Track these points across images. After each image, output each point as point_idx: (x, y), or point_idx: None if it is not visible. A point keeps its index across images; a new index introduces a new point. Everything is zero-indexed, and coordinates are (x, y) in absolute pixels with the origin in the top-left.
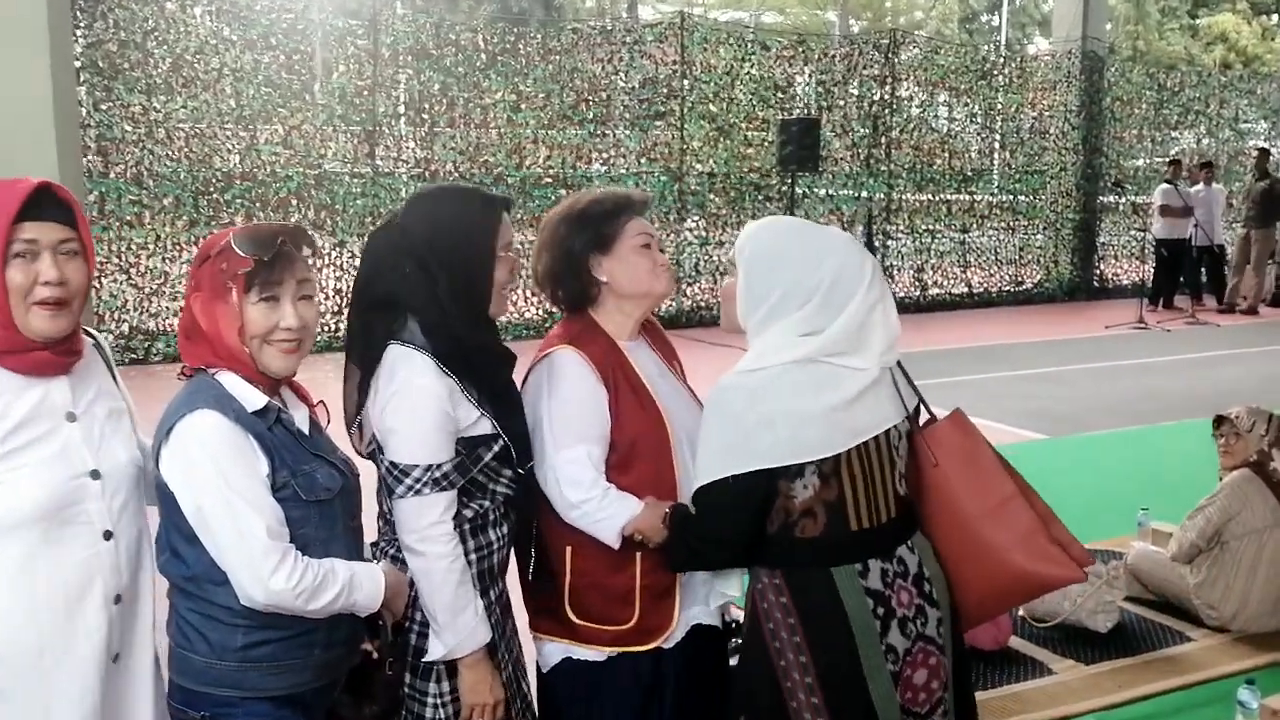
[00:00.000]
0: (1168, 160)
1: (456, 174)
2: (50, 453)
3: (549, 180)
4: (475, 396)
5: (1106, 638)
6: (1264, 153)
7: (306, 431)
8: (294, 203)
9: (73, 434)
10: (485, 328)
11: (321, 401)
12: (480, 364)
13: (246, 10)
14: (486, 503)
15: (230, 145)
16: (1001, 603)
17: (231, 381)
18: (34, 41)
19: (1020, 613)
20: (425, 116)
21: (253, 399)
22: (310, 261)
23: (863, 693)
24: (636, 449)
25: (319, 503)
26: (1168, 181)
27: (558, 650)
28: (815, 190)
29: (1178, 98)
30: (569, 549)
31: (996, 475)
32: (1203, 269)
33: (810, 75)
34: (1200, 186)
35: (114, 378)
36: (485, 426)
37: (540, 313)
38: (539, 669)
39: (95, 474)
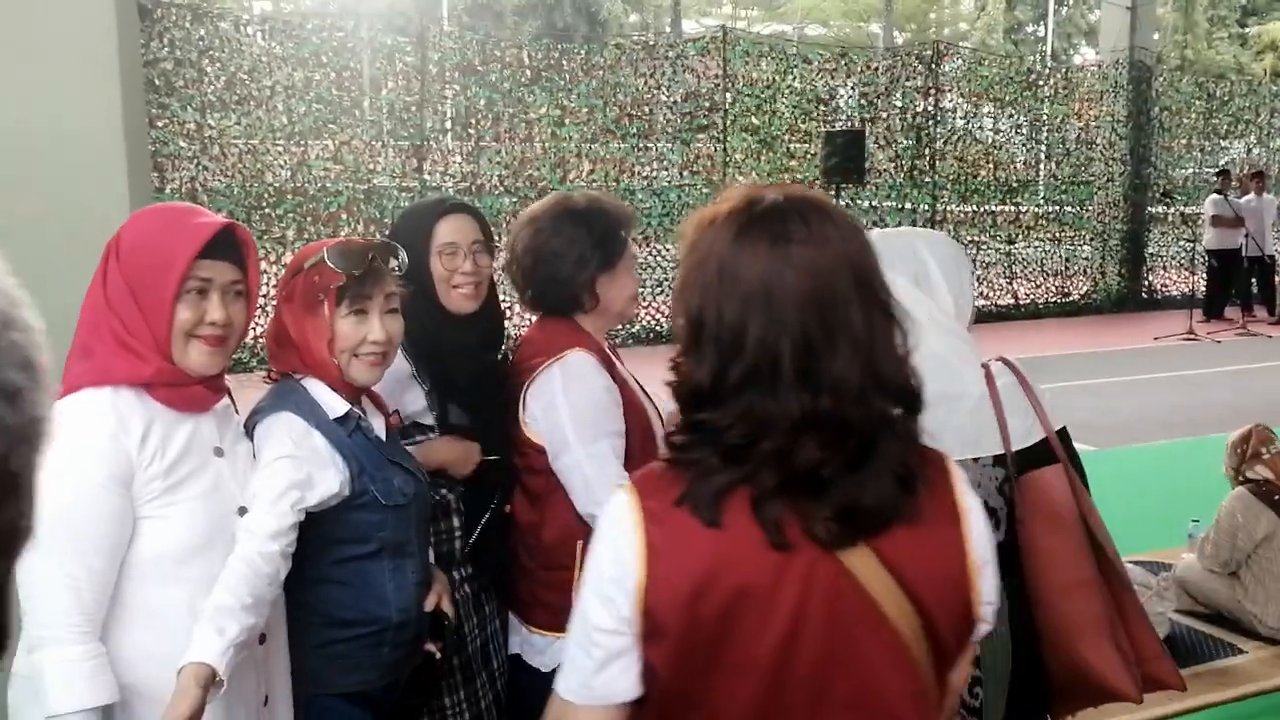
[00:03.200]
0: (1217, 170)
1: (501, 188)
2: (204, 488)
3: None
4: (428, 385)
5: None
6: None
7: (384, 439)
8: (343, 217)
9: (222, 469)
10: (448, 324)
11: (396, 411)
12: (435, 355)
13: (298, 29)
14: (445, 490)
15: (282, 161)
16: (1067, 695)
17: (316, 388)
18: (105, 64)
19: None
20: (471, 132)
21: (335, 406)
22: (397, 275)
23: None
24: (632, 445)
25: (396, 507)
26: (1217, 192)
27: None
28: (859, 202)
29: (1227, 107)
30: (581, 544)
31: (1079, 550)
32: (1254, 280)
33: (853, 87)
34: (1251, 196)
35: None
36: (429, 417)
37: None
38: (537, 670)
39: (242, 510)
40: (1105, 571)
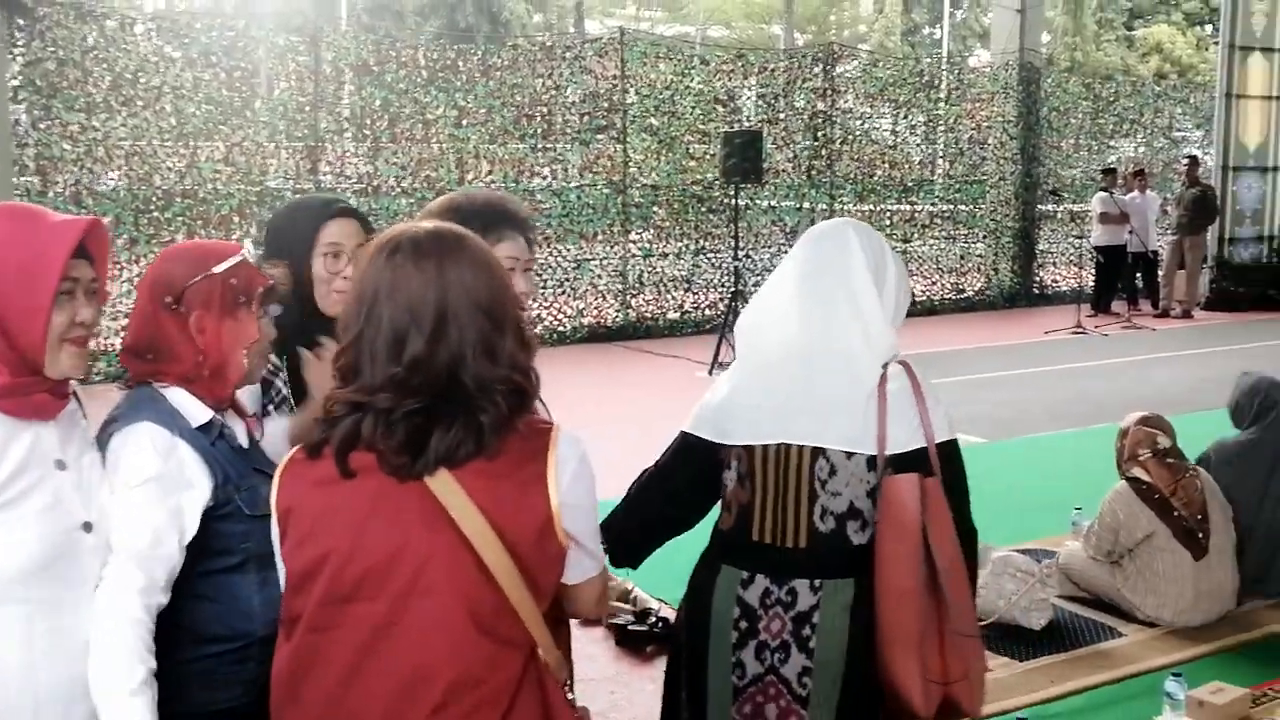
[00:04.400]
0: (1103, 169)
1: (399, 189)
2: (44, 503)
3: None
4: (286, 385)
5: (1040, 634)
6: (1194, 161)
7: (246, 446)
8: (236, 220)
9: (64, 484)
10: (321, 325)
11: (255, 414)
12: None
13: (186, 28)
14: None
15: (170, 163)
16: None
17: (178, 396)
18: None
19: None
20: (367, 132)
21: (198, 414)
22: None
23: (702, 684)
24: None
25: (263, 517)
26: (1103, 189)
27: None
28: (758, 202)
29: (1113, 107)
30: None
31: (912, 561)
32: (1138, 275)
33: (751, 89)
34: (1135, 194)
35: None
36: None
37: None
38: None
39: (88, 526)
40: (933, 587)
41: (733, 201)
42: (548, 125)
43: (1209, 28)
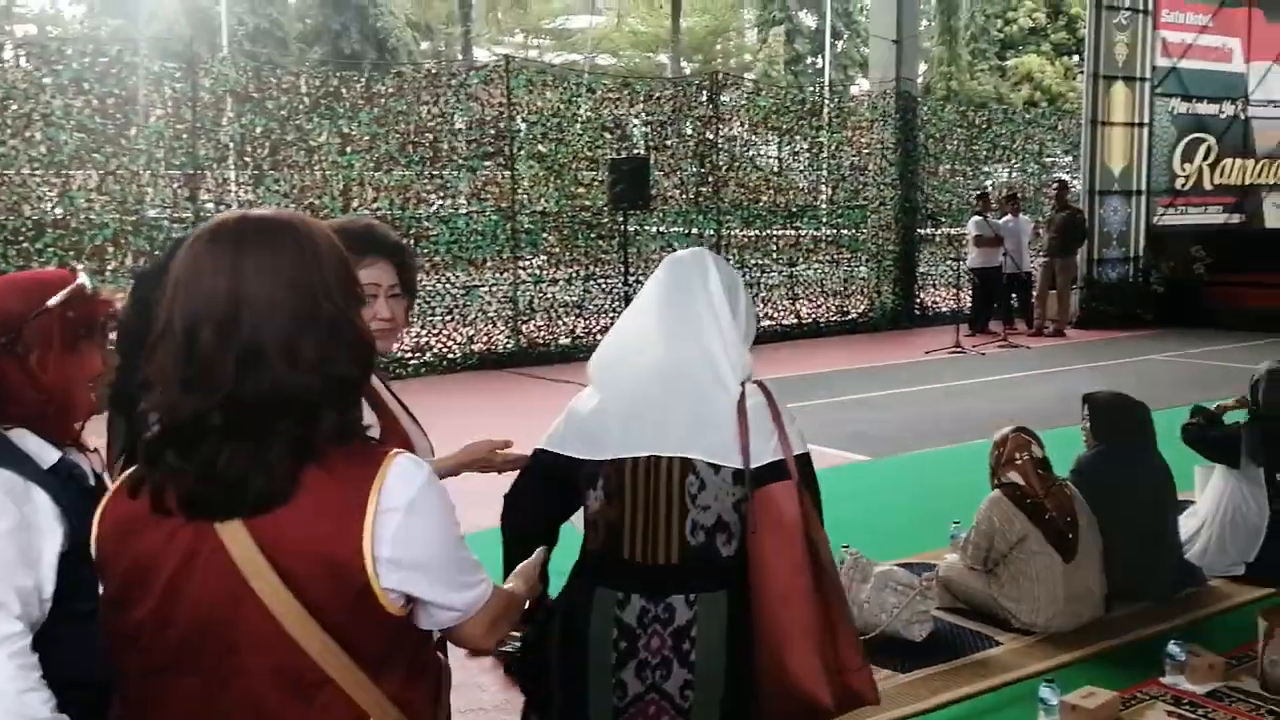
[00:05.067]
0: (977, 193)
1: None
2: None
3: (378, 221)
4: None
5: (921, 646)
6: (1063, 185)
7: (93, 484)
8: (110, 250)
9: None
10: None
11: (96, 449)
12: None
13: (58, 54)
14: None
15: (41, 192)
16: (770, 704)
17: (24, 438)
18: None
19: None
20: (249, 160)
21: (47, 455)
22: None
23: (580, 707)
24: None
25: None
26: (978, 213)
27: None
28: (647, 228)
29: (986, 134)
30: None
31: (799, 561)
32: (1013, 295)
33: (638, 116)
34: (1008, 218)
35: None
36: None
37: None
38: None
39: None
40: (820, 583)
41: (622, 228)
42: (434, 152)
43: (1076, 58)
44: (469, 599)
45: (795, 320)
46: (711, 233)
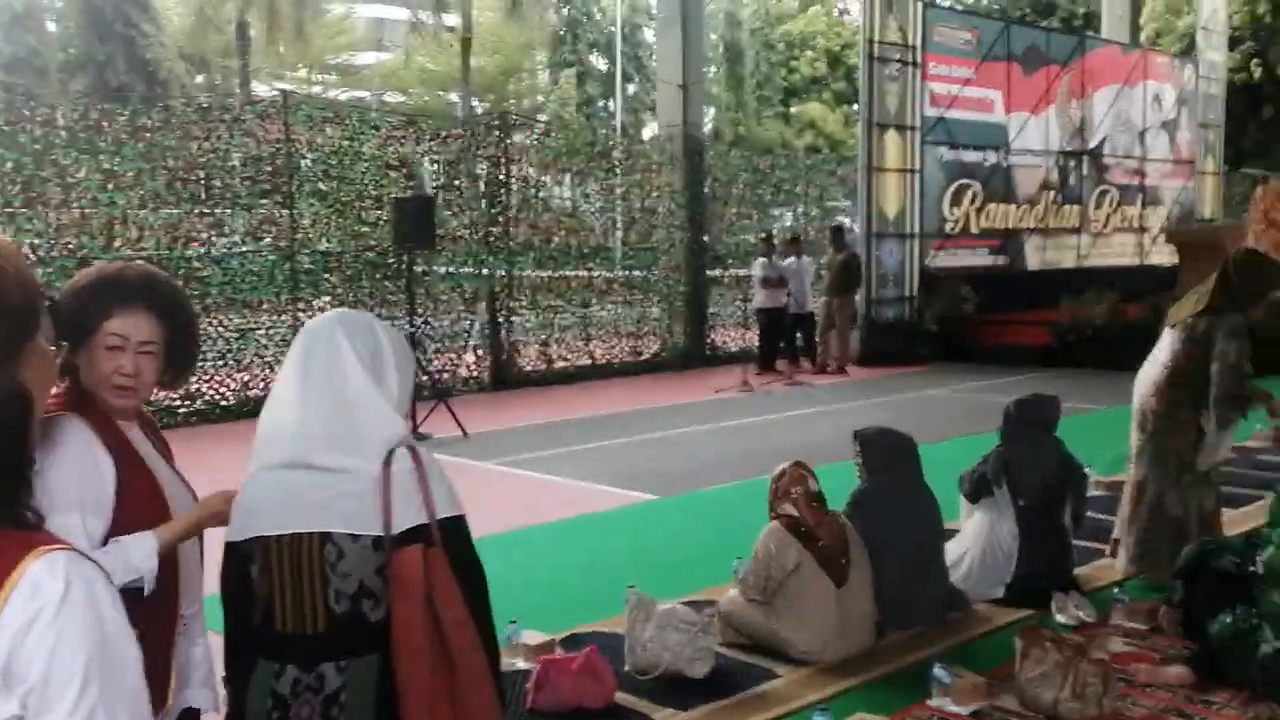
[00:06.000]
0: (761, 236)
1: (36, 258)
2: None
3: (143, 261)
4: None
5: (704, 683)
6: (838, 229)
7: None
8: None
9: None
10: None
11: None
12: None
13: None
14: None
15: None
16: None
17: None
18: None
19: (626, 667)
20: None
21: None
22: None
23: None
24: (137, 528)
25: None
26: (762, 255)
27: None
28: (435, 268)
29: (770, 178)
30: None
31: (418, 623)
32: (798, 334)
33: (424, 155)
34: (792, 259)
35: None
36: None
37: None
38: None
39: None
40: (444, 647)
41: (408, 268)
42: (206, 189)
43: (855, 106)
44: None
45: (589, 361)
46: (503, 273)
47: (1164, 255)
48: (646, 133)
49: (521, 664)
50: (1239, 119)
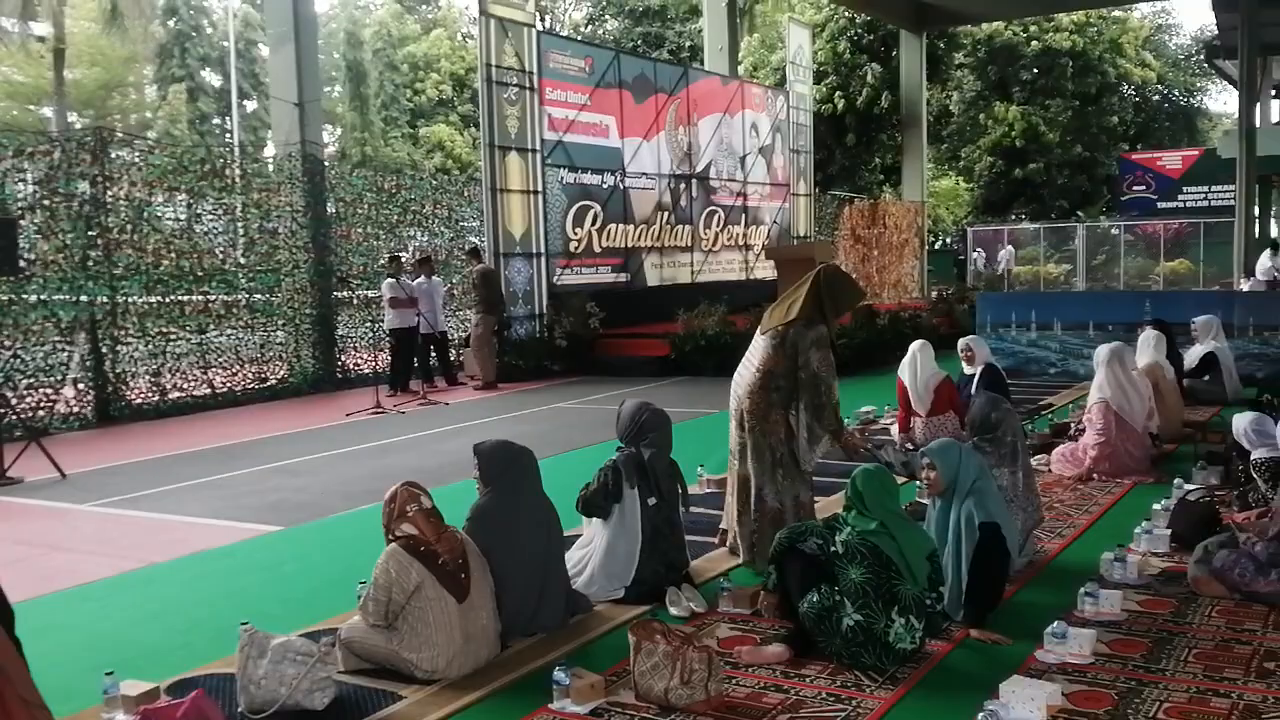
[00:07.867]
0: (388, 256)
1: None
2: None
3: None
4: None
5: (325, 713)
6: (475, 250)
7: None
8: None
9: None
10: None
11: None
12: None
13: None
14: None
15: None
16: None
17: None
18: None
19: (240, 708)
20: None
21: None
22: None
23: None
24: None
25: None
26: (391, 276)
27: None
28: (25, 296)
29: (397, 199)
30: None
31: None
32: (432, 353)
33: (5, 174)
34: (422, 279)
35: None
36: None
37: None
38: None
39: None
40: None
41: None
42: None
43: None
44: None
45: (209, 390)
46: (105, 299)
47: (766, 270)
48: (268, 151)
49: (121, 717)
50: (827, 146)
